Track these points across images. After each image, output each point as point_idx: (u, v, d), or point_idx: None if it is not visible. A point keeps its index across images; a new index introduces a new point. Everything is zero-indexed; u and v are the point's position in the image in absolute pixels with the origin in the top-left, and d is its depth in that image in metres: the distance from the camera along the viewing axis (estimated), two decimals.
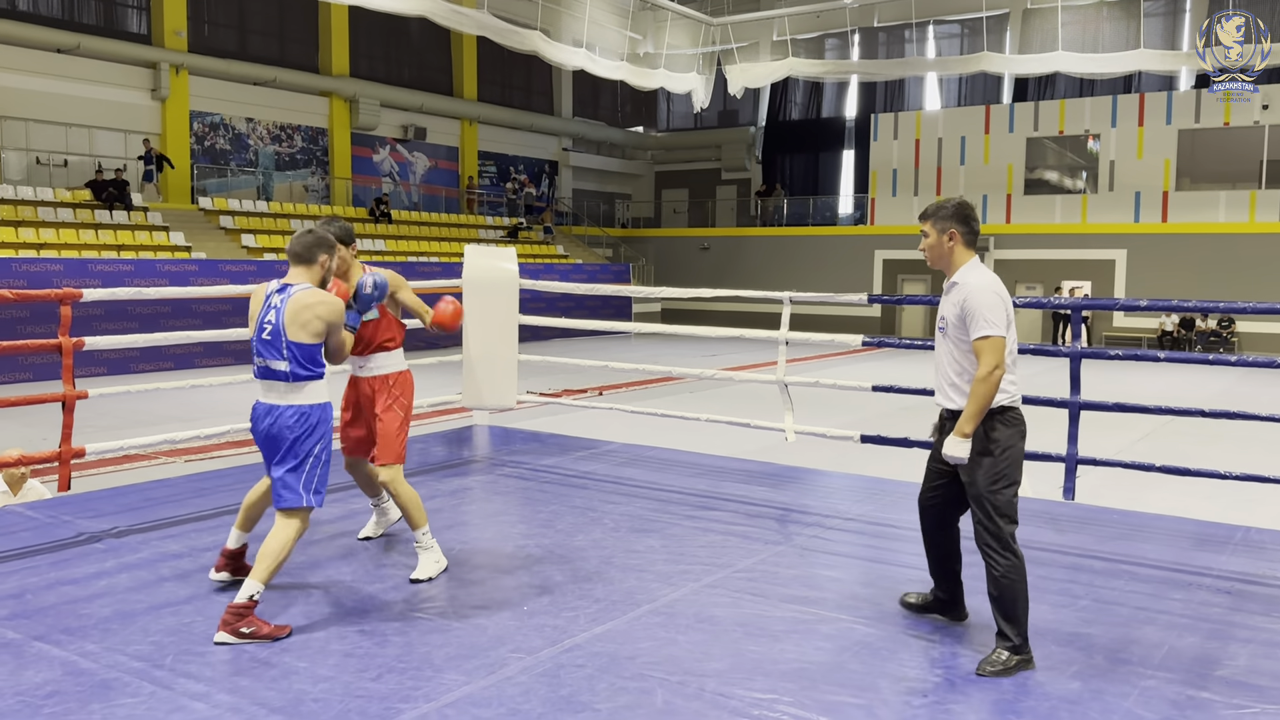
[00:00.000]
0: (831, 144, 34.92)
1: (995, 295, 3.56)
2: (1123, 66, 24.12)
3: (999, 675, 3.42)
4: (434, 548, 4.44)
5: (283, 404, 3.85)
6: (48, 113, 21.88)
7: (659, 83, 27.71)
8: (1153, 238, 26.60)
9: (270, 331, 3.84)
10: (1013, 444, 3.60)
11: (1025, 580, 3.55)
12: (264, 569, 3.76)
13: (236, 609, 3.65)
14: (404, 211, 28.30)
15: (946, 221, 3.71)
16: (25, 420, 11.52)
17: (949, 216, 3.72)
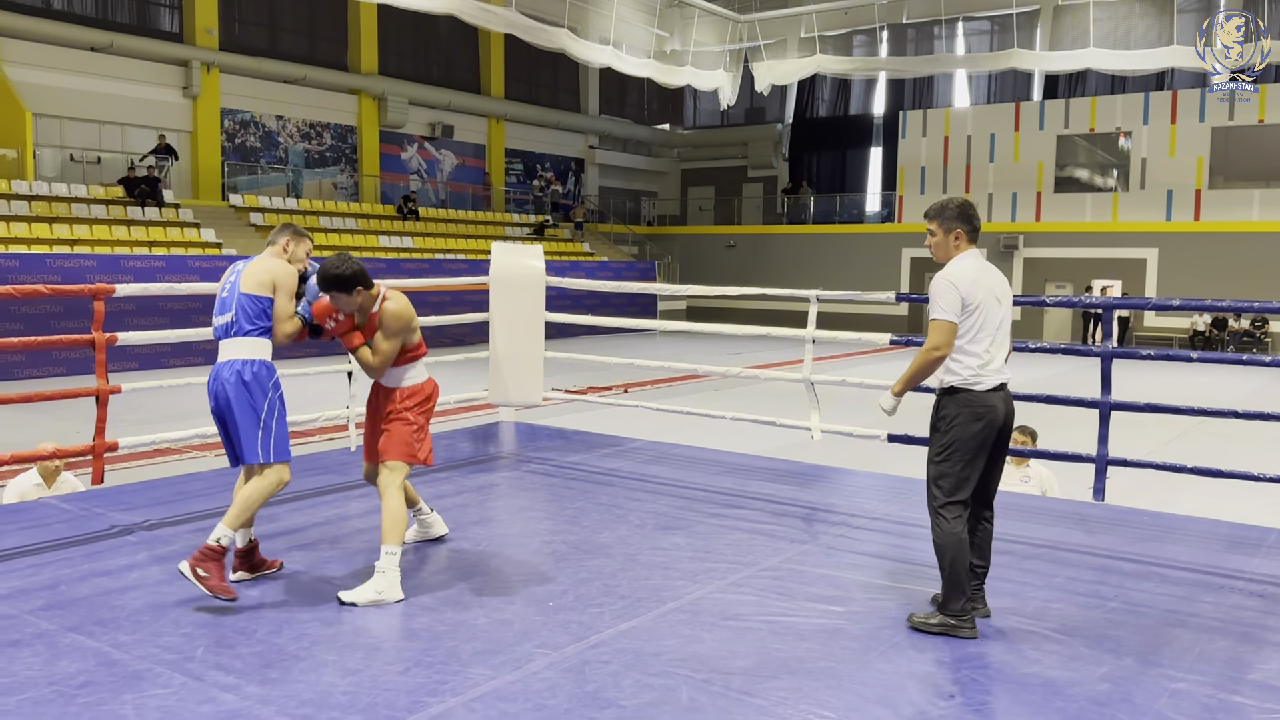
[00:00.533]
0: (859, 141, 34.75)
1: (950, 283, 3.84)
2: (1155, 63, 23.84)
3: (920, 629, 3.79)
4: (389, 574, 4.03)
5: (226, 359, 4.10)
6: (81, 110, 22.16)
7: (686, 80, 27.68)
8: (1185, 236, 26.29)
9: (228, 289, 4.18)
10: (959, 423, 3.83)
11: (964, 551, 3.79)
12: (232, 514, 3.97)
13: (205, 549, 3.87)
14: (431, 209, 28.44)
15: (952, 221, 3.96)
16: (58, 414, 11.68)
17: (954, 217, 3.95)
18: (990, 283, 3.90)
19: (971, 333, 3.84)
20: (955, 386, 3.88)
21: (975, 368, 3.84)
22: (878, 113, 34.41)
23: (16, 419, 11.69)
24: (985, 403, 3.83)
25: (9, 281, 15.70)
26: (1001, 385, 3.91)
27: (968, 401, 3.84)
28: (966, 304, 3.83)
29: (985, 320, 3.85)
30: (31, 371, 16.03)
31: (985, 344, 3.85)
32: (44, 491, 6.00)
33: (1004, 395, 3.91)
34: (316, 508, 5.50)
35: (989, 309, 3.85)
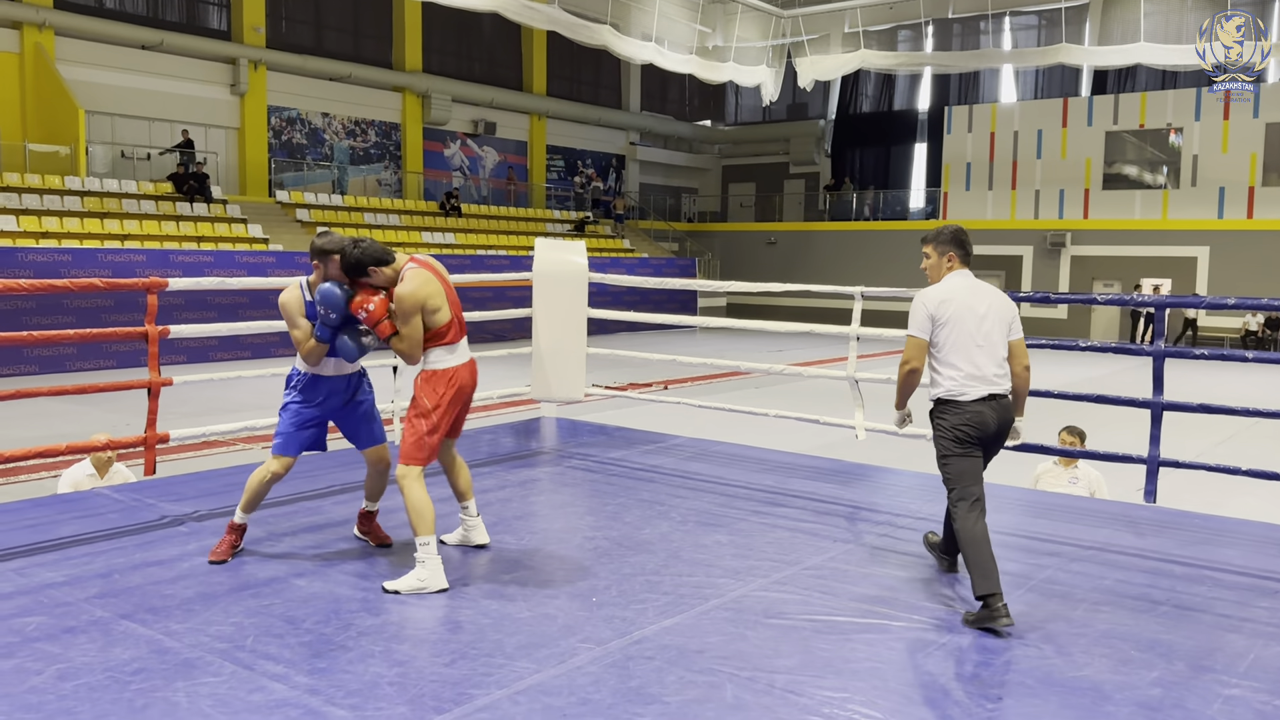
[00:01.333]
0: (903, 137, 34.45)
1: (921, 303, 4.21)
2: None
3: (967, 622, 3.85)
4: (429, 563, 4.10)
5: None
6: (132, 107, 22.55)
7: (728, 76, 27.59)
8: (1237, 234, 25.79)
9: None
10: (944, 432, 4.15)
11: (978, 540, 3.93)
12: (242, 499, 4.51)
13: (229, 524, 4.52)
14: (473, 205, 28.61)
15: (945, 245, 4.36)
16: (109, 406, 11.90)
17: (947, 241, 4.37)
18: (971, 300, 4.18)
19: (947, 346, 4.12)
20: (941, 398, 4.17)
21: (959, 379, 4.10)
22: (922, 108, 34.09)
23: (70, 411, 11.93)
24: (969, 411, 4.08)
25: (62, 275, 16.03)
26: (991, 395, 4.10)
27: (952, 412, 4.12)
28: (936, 320, 4.14)
29: (958, 334, 4.11)
30: (82, 364, 16.34)
31: (964, 356, 4.10)
32: (97, 482, 6.12)
33: (993, 404, 4.11)
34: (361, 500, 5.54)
35: (961, 323, 4.12)
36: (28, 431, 10.41)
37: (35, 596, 3.95)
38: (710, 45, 28.31)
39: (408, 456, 4.25)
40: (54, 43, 21.07)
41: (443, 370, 4.32)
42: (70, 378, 15.47)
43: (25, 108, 20.82)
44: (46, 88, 20.72)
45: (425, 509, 4.17)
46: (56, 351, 16.08)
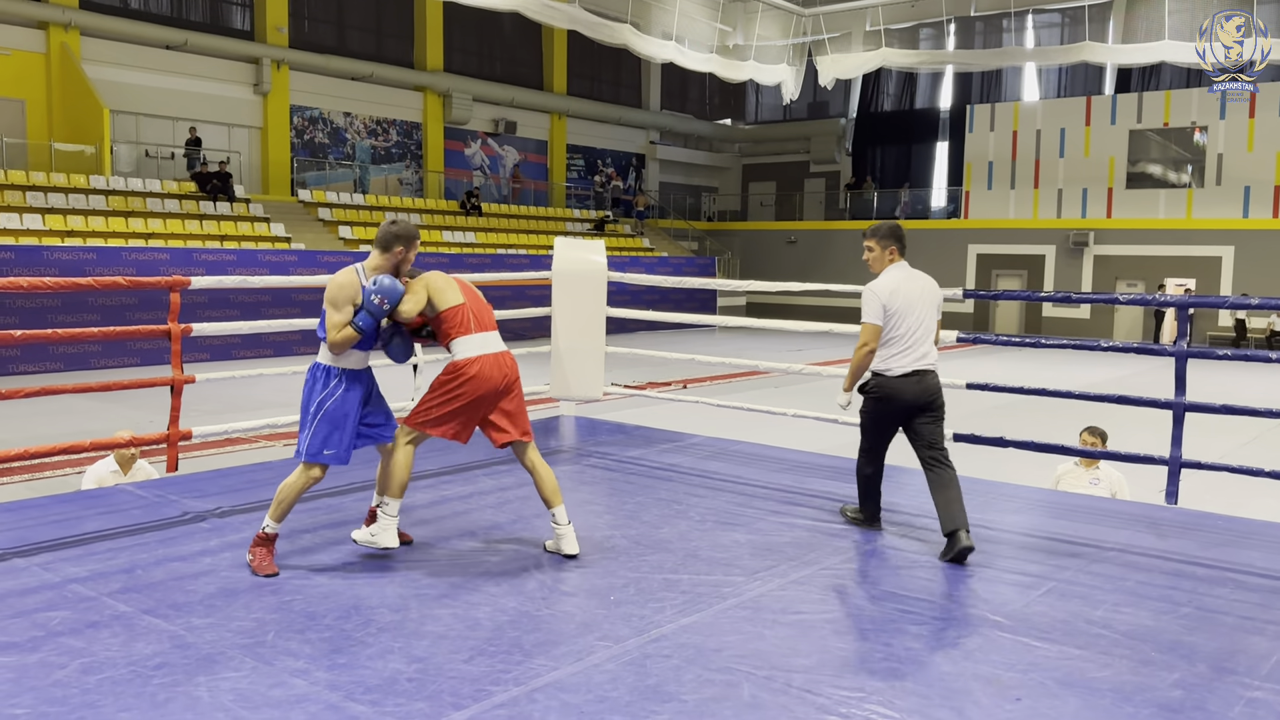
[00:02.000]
0: (925, 136, 34.30)
1: (874, 293, 4.77)
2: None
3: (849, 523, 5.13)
4: (383, 521, 4.38)
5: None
6: (156, 107, 22.75)
7: (748, 74, 27.54)
8: (1263, 234, 25.53)
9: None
10: (869, 401, 4.90)
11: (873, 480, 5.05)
12: (273, 507, 4.31)
13: (256, 536, 4.31)
14: (494, 204, 28.69)
15: (887, 239, 4.89)
16: (133, 403, 12.02)
17: (888, 235, 4.89)
18: (910, 289, 4.81)
19: (894, 331, 4.76)
20: (874, 371, 4.84)
21: (887, 357, 4.78)
22: (944, 107, 33.92)
23: (94, 408, 12.06)
24: (893, 386, 4.78)
25: (87, 274, 16.19)
26: (917, 371, 4.78)
27: (879, 384, 4.82)
28: (887, 309, 4.75)
29: (903, 320, 4.76)
30: (106, 361, 16.50)
31: (903, 338, 4.77)
32: (120, 478, 6.18)
33: (918, 378, 4.79)
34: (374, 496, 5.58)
35: (904, 312, 4.76)
36: (53, 428, 10.52)
37: (60, 591, 3.99)
38: (731, 44, 28.27)
39: (410, 418, 4.49)
40: (79, 43, 21.28)
41: (462, 359, 4.45)
42: (95, 375, 15.63)
43: (51, 107, 21.04)
44: (72, 87, 20.93)
45: (401, 473, 4.41)
46: (81, 349, 16.24)
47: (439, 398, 4.45)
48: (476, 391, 4.42)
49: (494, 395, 4.49)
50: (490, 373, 4.44)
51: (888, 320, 4.74)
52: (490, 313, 4.65)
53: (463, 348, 4.45)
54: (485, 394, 4.45)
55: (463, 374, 4.42)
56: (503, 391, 4.51)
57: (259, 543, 4.29)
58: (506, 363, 4.53)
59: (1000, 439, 6.41)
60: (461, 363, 4.43)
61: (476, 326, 4.48)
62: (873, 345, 4.76)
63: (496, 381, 4.47)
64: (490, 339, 4.52)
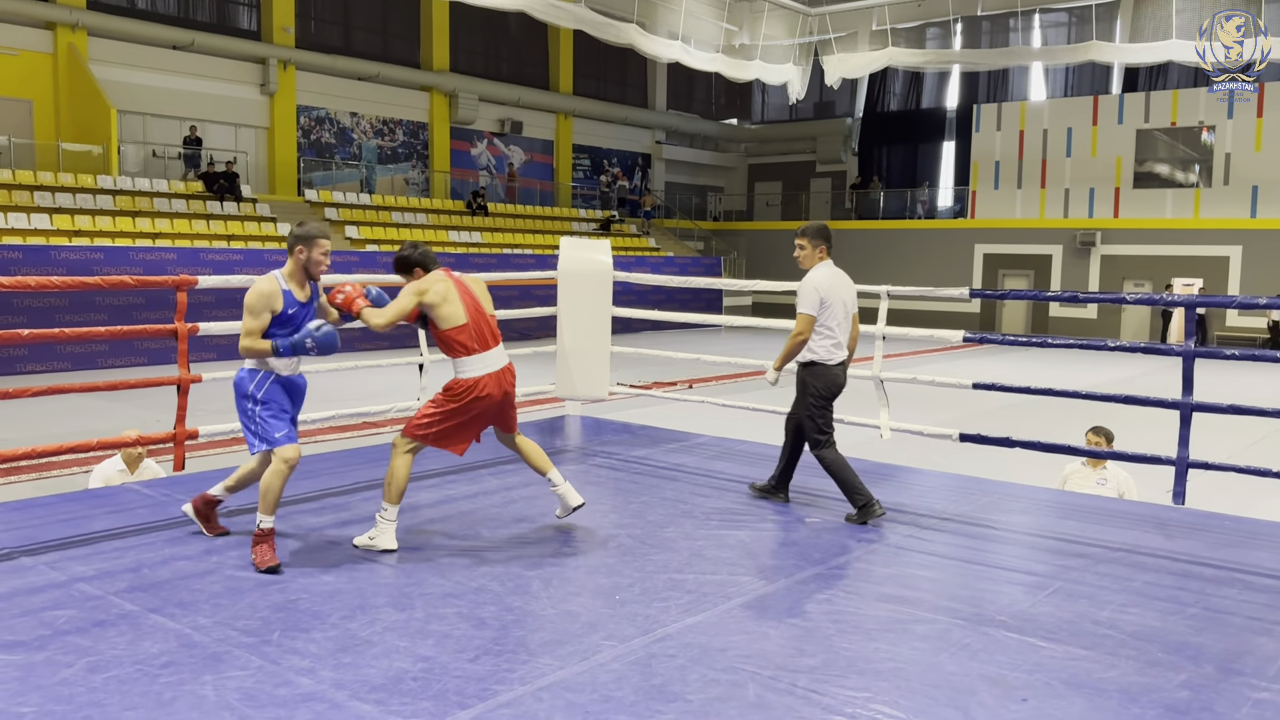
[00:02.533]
0: (931, 135, 34.23)
1: (814, 287, 5.25)
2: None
3: (853, 522, 5.20)
4: (382, 525, 4.51)
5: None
6: (163, 107, 22.79)
7: (754, 74, 27.51)
8: (1271, 234, 25.43)
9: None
10: (818, 387, 5.32)
11: (845, 465, 5.27)
12: (261, 503, 4.36)
13: (255, 534, 4.35)
14: (500, 204, 28.71)
15: (818, 239, 5.37)
16: (140, 402, 12.04)
17: (819, 235, 5.38)
18: (840, 285, 5.33)
19: (825, 323, 5.25)
20: (814, 361, 5.31)
21: (829, 348, 5.29)
22: (950, 106, 33.85)
23: (101, 407, 12.08)
24: (834, 372, 5.33)
25: (94, 273, 16.23)
26: (844, 360, 5.38)
27: (822, 373, 5.31)
28: (824, 302, 5.23)
29: (834, 313, 5.26)
30: (114, 361, 16.54)
31: (837, 329, 5.29)
32: (127, 477, 6.19)
33: (845, 366, 5.41)
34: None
35: (837, 305, 5.27)
36: (60, 427, 10.55)
37: (66, 590, 4.00)
38: (737, 43, 28.25)
39: (406, 429, 4.62)
40: (87, 43, 21.33)
41: (466, 379, 4.60)
42: (102, 374, 15.67)
43: (58, 107, 21.10)
44: (79, 87, 20.99)
45: (399, 480, 4.53)
46: (89, 348, 16.28)
47: (439, 412, 4.60)
48: (477, 409, 4.64)
49: (493, 411, 4.71)
50: (491, 390, 4.64)
51: (822, 312, 5.24)
52: (493, 323, 4.73)
53: (466, 368, 4.62)
54: (485, 411, 4.68)
55: (465, 394, 4.60)
56: (501, 405, 4.73)
57: (259, 540, 4.33)
58: (507, 379, 4.73)
59: (1007, 439, 6.40)
60: (466, 383, 4.60)
61: (479, 346, 4.62)
62: (807, 334, 5.24)
63: (497, 398, 4.67)
64: (493, 357, 4.66)
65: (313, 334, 4.38)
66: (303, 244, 4.43)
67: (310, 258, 4.45)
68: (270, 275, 4.44)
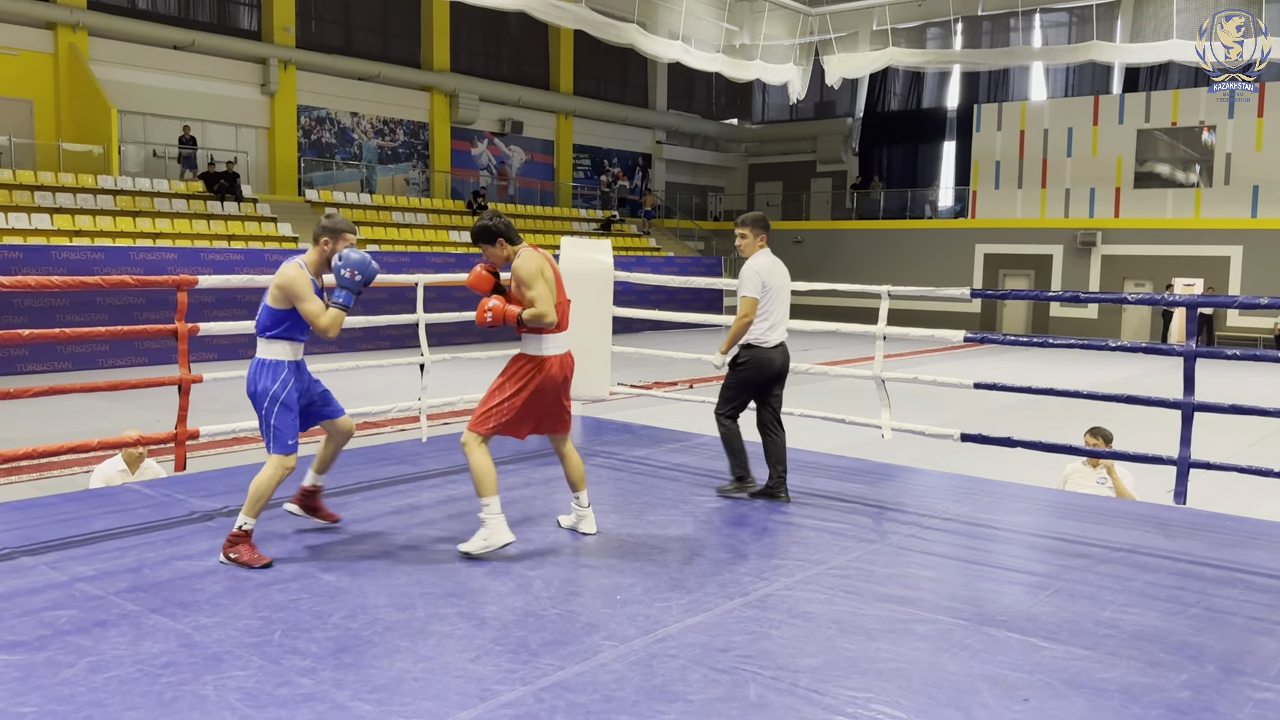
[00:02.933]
0: (932, 135, 34.22)
1: (755, 272, 5.49)
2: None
3: (726, 495, 5.65)
4: (490, 521, 4.45)
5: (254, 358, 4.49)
6: (164, 107, 22.80)
7: (755, 74, 27.50)
8: (1271, 234, 25.43)
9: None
10: (749, 368, 5.57)
11: (738, 437, 5.62)
12: (247, 503, 4.35)
13: (230, 536, 4.34)
14: (500, 204, 28.70)
15: (759, 228, 5.62)
16: (141, 403, 12.04)
17: (760, 225, 5.63)
18: (778, 271, 5.60)
19: (765, 307, 5.48)
20: (750, 343, 5.53)
21: (764, 330, 5.50)
22: (951, 106, 33.84)
23: (102, 407, 12.08)
24: (767, 355, 5.54)
25: (95, 273, 16.23)
26: (781, 343, 5.59)
27: (756, 355, 5.53)
28: (765, 287, 5.47)
29: (774, 298, 5.51)
30: (115, 361, 16.54)
31: (778, 313, 5.54)
32: (128, 477, 6.19)
33: (782, 349, 5.61)
34: (388, 497, 5.59)
35: (777, 291, 5.54)
36: (61, 427, 10.55)
37: (67, 590, 4.00)
38: (737, 43, 28.24)
39: (472, 423, 4.57)
40: (87, 43, 21.33)
41: (531, 355, 4.61)
42: (102, 374, 15.67)
43: (59, 107, 21.10)
44: (80, 87, 20.99)
45: (486, 472, 4.47)
46: (89, 349, 16.28)
47: (506, 396, 4.57)
48: (542, 388, 4.61)
49: (552, 391, 4.67)
50: (555, 372, 4.65)
51: (763, 296, 5.46)
52: (565, 304, 4.76)
53: (539, 345, 4.62)
54: (547, 388, 4.64)
55: (533, 371, 4.59)
56: (560, 388, 4.71)
57: (235, 541, 4.32)
58: (569, 364, 4.74)
59: (1008, 439, 6.39)
60: (533, 359, 4.61)
61: (558, 328, 4.66)
62: (751, 317, 5.46)
63: (557, 379, 4.66)
64: (565, 339, 4.71)
65: (340, 265, 4.34)
66: (329, 236, 4.47)
67: (335, 250, 4.48)
68: (295, 263, 4.46)
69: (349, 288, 4.38)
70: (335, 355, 18.34)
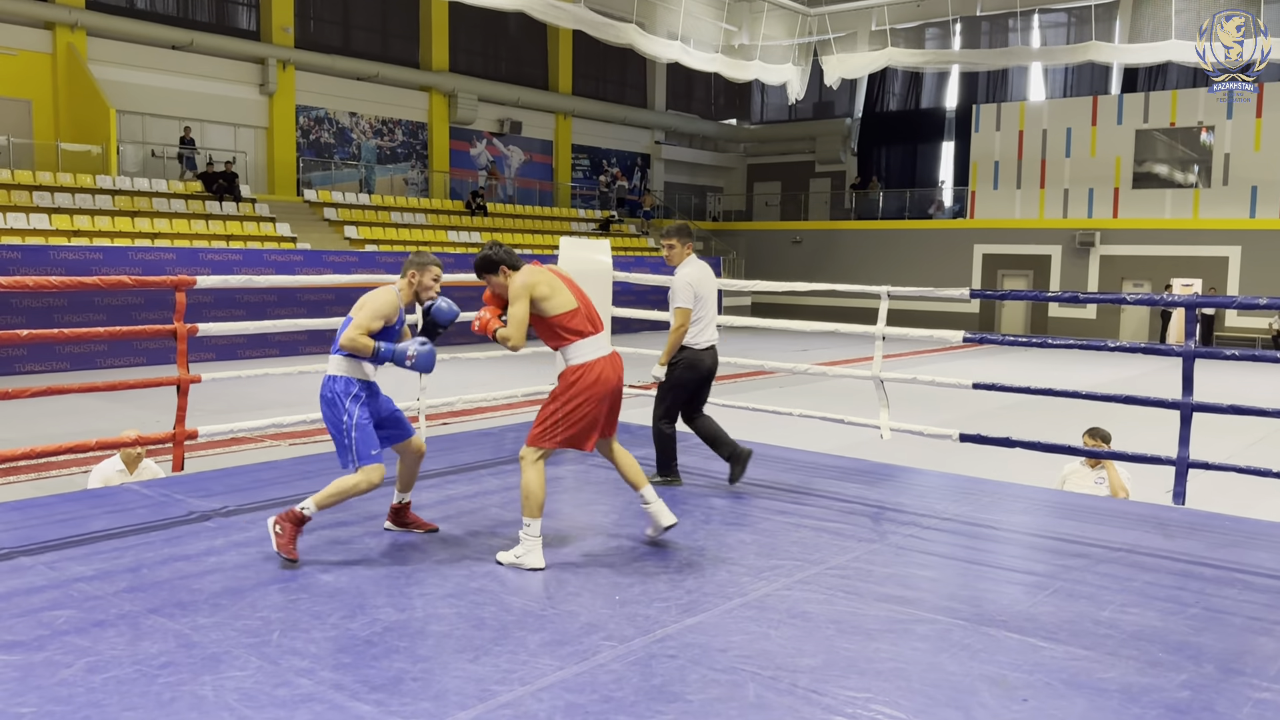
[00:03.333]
0: (930, 135, 34.23)
1: (687, 283, 5.72)
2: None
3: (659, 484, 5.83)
4: (527, 543, 4.36)
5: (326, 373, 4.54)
6: (162, 107, 22.78)
7: (754, 74, 27.51)
8: (1270, 234, 25.44)
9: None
10: (680, 370, 5.83)
11: (671, 442, 5.97)
12: (321, 494, 4.39)
13: (290, 511, 4.34)
14: (499, 204, 28.70)
15: (686, 238, 5.88)
16: (139, 403, 12.03)
17: (687, 234, 5.91)
18: (706, 277, 5.82)
19: (696, 313, 5.75)
20: (684, 346, 5.79)
21: (695, 333, 5.78)
22: (950, 106, 33.85)
23: (101, 408, 12.07)
24: (698, 355, 5.79)
25: (93, 273, 16.22)
26: (711, 345, 5.85)
27: (687, 355, 5.80)
28: (697, 296, 5.73)
29: (704, 304, 5.76)
30: (113, 361, 16.53)
31: (704, 318, 5.78)
32: (126, 477, 6.19)
33: (712, 351, 5.87)
34: (388, 497, 5.57)
35: (707, 297, 5.79)
36: (59, 428, 10.54)
37: (65, 590, 4.00)
38: (736, 44, 28.25)
39: (530, 439, 4.46)
40: (86, 43, 21.31)
41: (578, 364, 4.47)
42: (101, 375, 15.66)
43: (58, 107, 21.08)
44: (78, 87, 20.97)
45: (534, 492, 4.38)
46: (88, 349, 16.27)
47: (564, 408, 4.43)
48: (599, 395, 4.46)
49: (610, 397, 4.52)
50: (609, 375, 4.49)
51: (695, 304, 5.71)
52: (598, 310, 4.66)
53: (576, 354, 4.48)
54: (606, 395, 4.49)
55: (584, 380, 4.43)
56: (616, 392, 4.56)
57: (289, 518, 4.32)
58: (618, 363, 4.60)
59: (1007, 439, 6.39)
60: (580, 368, 4.45)
61: (591, 329, 4.51)
62: (686, 326, 5.72)
63: (615, 383, 4.52)
64: (603, 340, 4.55)
65: (418, 348, 4.46)
66: (415, 269, 4.61)
67: (421, 282, 4.61)
68: (391, 289, 4.54)
69: (395, 361, 4.47)
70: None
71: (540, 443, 4.44)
